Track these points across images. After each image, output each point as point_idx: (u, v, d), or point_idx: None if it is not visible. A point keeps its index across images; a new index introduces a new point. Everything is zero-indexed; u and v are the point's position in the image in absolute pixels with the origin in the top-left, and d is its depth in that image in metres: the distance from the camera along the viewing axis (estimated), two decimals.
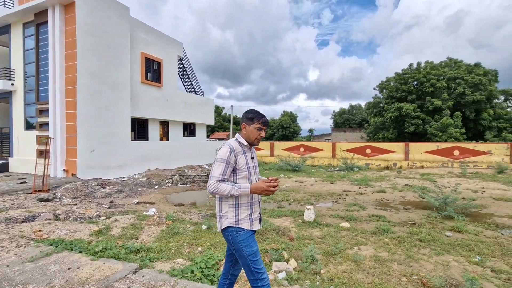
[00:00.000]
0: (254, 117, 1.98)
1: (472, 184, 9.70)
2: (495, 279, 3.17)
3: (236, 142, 1.96)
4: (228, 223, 1.86)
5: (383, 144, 16.73)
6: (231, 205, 1.88)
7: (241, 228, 1.87)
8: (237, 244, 1.85)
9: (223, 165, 1.83)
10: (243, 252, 1.84)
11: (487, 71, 24.09)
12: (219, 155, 1.86)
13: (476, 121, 23.20)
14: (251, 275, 1.85)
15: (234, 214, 1.87)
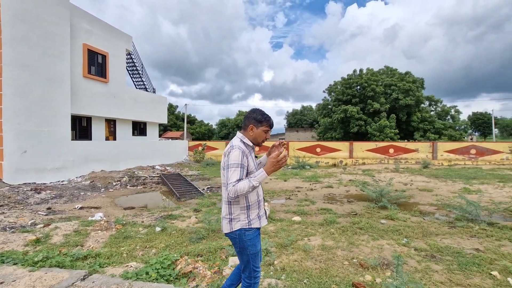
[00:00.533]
0: (263, 120, 1.97)
1: (403, 178, 11.12)
2: (416, 256, 3.76)
3: (242, 143, 1.92)
4: (241, 225, 1.87)
5: (331, 143, 18.07)
6: (243, 207, 1.88)
7: (251, 228, 1.90)
8: (244, 242, 1.87)
9: (239, 170, 1.78)
10: (247, 251, 1.88)
11: (415, 79, 27.67)
12: (233, 160, 1.80)
13: (407, 123, 26.50)
14: (247, 271, 1.92)
15: (246, 216, 1.88)
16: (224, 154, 1.90)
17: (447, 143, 17.32)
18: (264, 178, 1.80)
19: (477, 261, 3.56)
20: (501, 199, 6.86)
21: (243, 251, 1.90)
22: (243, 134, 2.00)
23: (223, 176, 1.91)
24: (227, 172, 1.80)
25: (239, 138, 1.98)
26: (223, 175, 1.91)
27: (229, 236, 1.93)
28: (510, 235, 4.52)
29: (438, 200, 7.27)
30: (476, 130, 70.81)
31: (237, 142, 1.92)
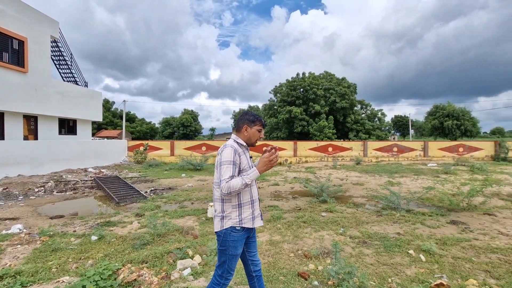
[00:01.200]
0: (256, 120, 2.05)
1: (340, 174, 12.25)
2: (351, 243, 4.21)
3: (236, 143, 1.98)
4: (232, 223, 1.88)
5: (277, 143, 18.83)
6: (234, 205, 1.90)
7: (241, 227, 1.91)
8: (226, 242, 1.88)
9: (231, 167, 1.84)
10: (228, 251, 1.89)
11: (350, 84, 30.72)
12: (225, 157, 1.86)
13: (343, 124, 29.24)
14: (219, 270, 1.94)
15: (237, 214, 1.90)
16: (217, 154, 1.96)
17: (375, 142, 19.66)
18: (256, 176, 1.88)
19: (398, 243, 4.16)
20: (416, 189, 8.11)
21: (223, 251, 1.92)
22: (236, 135, 2.07)
23: (216, 174, 1.94)
24: (220, 170, 1.86)
25: (232, 139, 2.05)
26: (216, 173, 1.95)
27: (217, 234, 1.93)
28: (422, 219, 5.39)
29: (368, 192, 8.22)
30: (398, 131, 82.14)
31: (230, 142, 2.00)
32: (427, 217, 5.51)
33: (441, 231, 4.72)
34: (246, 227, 1.94)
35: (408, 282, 3.02)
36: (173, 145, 18.83)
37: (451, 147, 18.62)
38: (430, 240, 4.20)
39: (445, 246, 4.04)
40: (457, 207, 6.12)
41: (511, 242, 4.20)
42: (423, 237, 4.42)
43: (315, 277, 3.09)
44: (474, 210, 5.99)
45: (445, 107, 28.11)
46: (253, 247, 2.11)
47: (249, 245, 2.09)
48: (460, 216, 5.61)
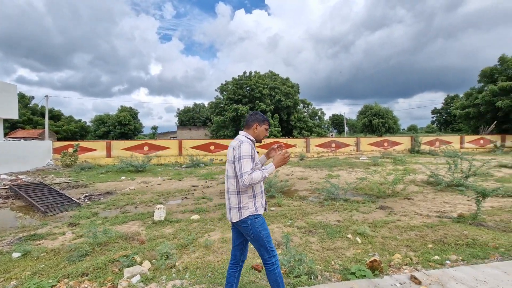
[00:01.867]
0: (265, 120, 2.28)
1: (286, 170, 12.89)
2: (299, 233, 4.50)
3: (248, 139, 2.17)
4: (250, 212, 2.08)
5: (224, 141, 18.77)
6: (250, 196, 2.11)
7: (258, 215, 2.12)
8: (256, 228, 2.08)
9: (250, 160, 2.03)
10: (261, 235, 2.09)
11: (293, 84, 32.38)
12: (244, 152, 2.03)
13: (288, 122, 30.71)
14: (266, 253, 2.13)
15: (253, 204, 2.11)
16: (233, 148, 2.11)
17: (316, 139, 21.19)
18: (273, 170, 2.12)
19: (338, 229, 4.61)
20: (351, 181, 9.05)
21: (257, 237, 2.10)
22: (246, 132, 2.26)
23: (231, 168, 2.12)
24: (240, 163, 2.02)
25: (243, 135, 2.23)
26: (231, 167, 2.11)
27: (239, 224, 2.12)
28: (357, 206, 6.06)
29: (312, 185, 8.85)
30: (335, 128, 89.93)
31: (243, 138, 2.17)
32: (361, 205, 6.22)
33: (372, 216, 5.39)
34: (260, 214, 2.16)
35: (348, 262, 3.38)
36: (110, 146, 17.18)
37: (378, 142, 21.24)
38: (364, 224, 4.76)
39: (376, 228, 4.63)
40: (384, 194, 7.05)
41: (424, 220, 5.04)
42: (358, 222, 4.98)
43: None
44: (397, 196, 6.98)
45: (373, 107, 31.95)
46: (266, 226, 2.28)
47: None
48: (386, 202, 6.47)
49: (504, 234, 4.15)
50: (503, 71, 22.86)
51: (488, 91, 22.24)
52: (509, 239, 3.92)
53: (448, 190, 7.50)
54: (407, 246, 3.90)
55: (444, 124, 62.20)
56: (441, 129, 62.53)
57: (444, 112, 62.17)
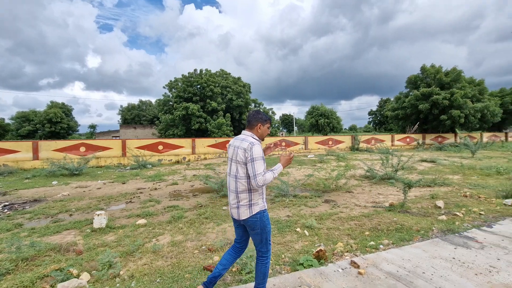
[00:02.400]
0: (267, 119, 2.39)
1: None
2: None
3: (256, 140, 2.28)
4: (259, 208, 2.25)
5: (173, 140, 17.99)
6: (260, 193, 2.26)
7: (266, 209, 2.31)
8: (264, 222, 2.26)
9: (263, 162, 2.16)
10: (267, 228, 2.28)
11: (245, 84, 32.64)
12: (257, 154, 2.14)
13: (239, 121, 30.86)
14: (265, 247, 2.30)
15: (262, 201, 2.28)
16: (244, 150, 2.17)
17: (267, 138, 21.71)
18: (280, 170, 2.27)
19: (288, 224, 4.81)
20: (300, 177, 9.53)
21: (263, 230, 2.27)
22: (251, 132, 2.34)
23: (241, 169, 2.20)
24: (253, 165, 2.12)
25: (249, 135, 2.31)
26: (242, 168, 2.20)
27: (249, 220, 2.23)
28: (305, 201, 6.42)
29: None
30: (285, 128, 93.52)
31: (252, 139, 2.25)
32: (309, 200, 6.60)
33: (319, 209, 5.77)
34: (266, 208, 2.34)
35: (297, 254, 3.56)
36: (38, 146, 15.01)
37: (324, 141, 22.77)
38: (312, 218, 5.06)
39: (322, 221, 4.97)
40: (329, 188, 7.60)
41: (362, 211, 5.58)
42: (306, 216, 5.27)
43: None
44: (340, 190, 7.59)
45: (319, 108, 34.13)
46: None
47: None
48: (331, 196, 6.99)
49: (424, 219, 4.85)
50: (424, 79, 26.62)
51: (412, 96, 25.65)
52: (428, 223, 4.59)
53: (382, 183, 8.44)
54: (348, 235, 4.28)
55: (378, 124, 69.68)
56: (376, 129, 69.95)
57: (378, 114, 69.59)
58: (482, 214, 4.98)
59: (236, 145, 2.27)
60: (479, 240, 3.65)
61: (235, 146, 2.28)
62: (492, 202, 5.80)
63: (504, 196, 6.07)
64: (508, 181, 7.87)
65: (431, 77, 25.82)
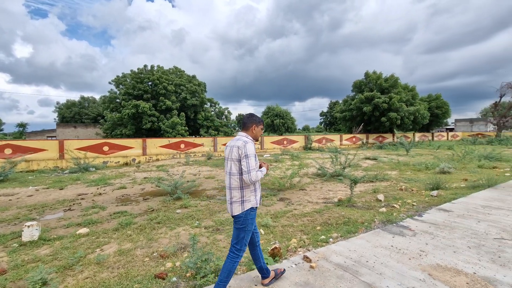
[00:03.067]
0: (261, 121, 2.56)
1: (193, 169, 12.58)
2: (206, 233, 4.47)
3: (250, 139, 2.42)
4: (251, 205, 2.34)
5: (122, 141, 16.68)
6: (252, 190, 2.36)
7: (255, 208, 2.39)
8: (247, 220, 2.34)
9: (256, 158, 2.31)
10: (248, 227, 2.36)
11: (200, 82, 31.85)
12: (251, 151, 2.28)
13: (195, 121, 30.01)
14: (239, 244, 2.37)
15: (254, 197, 2.37)
16: (238, 148, 2.31)
17: (223, 138, 21.56)
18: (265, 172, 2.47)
19: None
20: None
21: (244, 228, 2.36)
22: (245, 133, 2.51)
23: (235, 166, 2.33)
24: (248, 160, 2.25)
25: (244, 135, 2.47)
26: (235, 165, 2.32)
27: (238, 215, 2.33)
28: (261, 201, 6.50)
29: (219, 184, 8.95)
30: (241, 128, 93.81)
31: (246, 138, 2.41)
32: (264, 198, 6.71)
33: (274, 208, 5.90)
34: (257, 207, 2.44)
35: None
36: None
37: (279, 141, 23.44)
38: (267, 216, 5.15)
39: (277, 219, 5.09)
40: (283, 187, 7.83)
41: (314, 207, 5.87)
42: (262, 215, 5.35)
43: (173, 274, 3.06)
44: (294, 187, 7.88)
45: (275, 108, 35.07)
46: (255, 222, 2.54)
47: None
48: (285, 194, 7.22)
49: (368, 212, 5.30)
50: (367, 84, 29.21)
51: (357, 99, 27.95)
52: (371, 215, 5.03)
53: (332, 180, 9.00)
54: (301, 230, 4.46)
55: (329, 125, 74.32)
56: (326, 129, 74.49)
57: (329, 115, 74.19)
58: (414, 205, 5.64)
59: (232, 144, 2.43)
60: (412, 228, 4.12)
61: (231, 146, 2.44)
62: (422, 194, 6.62)
63: (431, 188, 6.98)
64: (434, 175, 9.06)
65: (373, 82, 28.47)
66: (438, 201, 5.85)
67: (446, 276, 2.79)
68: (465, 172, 9.73)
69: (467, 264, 3.01)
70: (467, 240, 3.64)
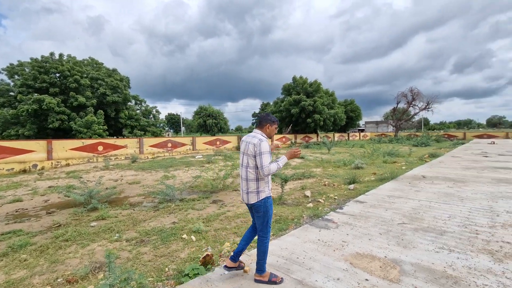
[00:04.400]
0: (275, 121, 2.83)
1: (114, 175, 11.18)
2: (129, 246, 3.94)
3: (264, 137, 2.69)
4: (265, 195, 2.65)
5: (17, 143, 13.63)
6: (266, 182, 2.67)
7: (270, 196, 2.70)
8: (268, 207, 2.65)
9: (269, 155, 2.57)
10: (269, 213, 2.67)
11: (122, 77, 28.72)
12: (264, 148, 2.55)
13: (116, 119, 26.90)
14: (265, 229, 2.69)
15: (268, 188, 2.69)
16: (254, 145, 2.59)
17: (151, 139, 19.95)
18: (285, 161, 2.66)
19: (173, 231, 4.45)
20: (187, 180, 9.17)
21: (265, 214, 2.65)
22: (260, 131, 2.77)
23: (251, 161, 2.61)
24: (261, 158, 2.53)
25: (259, 133, 2.73)
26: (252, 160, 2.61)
27: (256, 204, 2.64)
28: (193, 204, 6.17)
29: (145, 189, 8.16)
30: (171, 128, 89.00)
31: (261, 136, 2.67)
32: (196, 202, 6.39)
33: (206, 211, 5.66)
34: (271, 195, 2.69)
35: (183, 264, 3.30)
36: None
37: (212, 141, 23.03)
38: (199, 221, 4.89)
39: (209, 223, 4.88)
40: (216, 189, 7.63)
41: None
42: (193, 220, 5.05)
43: None
44: (227, 189, 7.75)
45: (207, 108, 34.28)
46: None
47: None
48: (219, 196, 7.03)
49: (297, 208, 5.57)
50: (295, 87, 31.37)
51: (286, 102, 29.75)
52: (299, 211, 5.30)
53: None
54: (235, 233, 4.36)
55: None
56: None
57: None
58: (336, 199, 6.21)
59: (248, 141, 2.68)
60: (335, 221, 4.49)
61: (247, 142, 2.69)
62: (342, 188, 7.37)
63: (349, 183, 7.84)
64: (351, 170, 10.26)
65: (300, 86, 30.79)
66: (354, 193, 6.58)
67: (364, 263, 3.08)
68: (374, 167, 11.33)
69: (380, 249, 3.41)
70: (378, 228, 4.15)
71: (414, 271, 2.89)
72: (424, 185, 7.06)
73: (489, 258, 3.14)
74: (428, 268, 2.94)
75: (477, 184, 7.01)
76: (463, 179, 7.72)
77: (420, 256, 3.20)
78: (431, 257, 3.19)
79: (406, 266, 2.99)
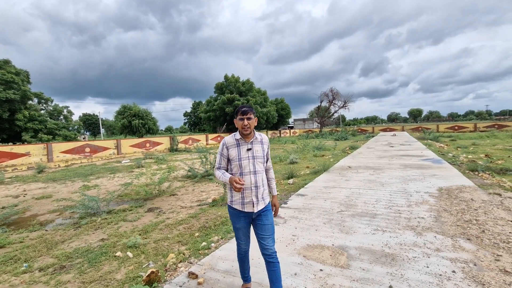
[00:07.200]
0: (237, 111, 2.27)
1: (13, 190, 9.03)
2: (42, 277, 3.15)
3: (231, 137, 2.33)
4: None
5: None
6: (229, 188, 2.34)
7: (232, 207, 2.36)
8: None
9: (219, 156, 2.35)
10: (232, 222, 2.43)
11: (19, 70, 23.60)
12: (219, 148, 2.35)
13: (12, 122, 21.98)
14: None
15: (230, 195, 2.35)
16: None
17: (62, 144, 16.98)
18: (226, 181, 2.21)
19: (104, 250, 3.78)
20: (114, 188, 8.07)
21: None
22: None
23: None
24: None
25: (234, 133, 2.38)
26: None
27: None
28: (124, 216, 5.41)
29: (60, 204, 6.82)
30: (88, 130, 77.98)
31: (227, 136, 2.37)
32: (128, 213, 5.64)
33: (142, 221, 5.04)
34: (236, 208, 2.29)
35: (120, 287, 2.80)
36: None
37: (140, 143, 21.03)
38: (134, 234, 4.30)
39: (147, 234, 4.34)
40: (151, 195, 6.91)
41: (188, 212, 5.47)
42: (127, 233, 4.41)
43: None
44: (163, 194, 7.11)
45: (132, 107, 31.14)
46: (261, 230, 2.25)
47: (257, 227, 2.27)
48: (154, 203, 6.38)
49: None
50: (227, 86, 31.32)
51: (220, 100, 29.47)
52: None
53: (203, 180, 8.84)
54: (179, 242, 3.97)
55: (193, 125, 74.66)
56: (191, 129, 74.53)
57: (193, 115, 74.52)
58: (279, 194, 6.35)
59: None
60: (282, 216, 4.55)
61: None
62: (282, 183, 7.61)
63: (287, 177, 8.16)
64: (287, 165, 10.74)
65: (232, 85, 30.90)
66: (294, 188, 6.87)
67: (315, 253, 3.17)
68: (306, 161, 12.15)
69: (326, 238, 3.57)
70: (321, 218, 4.38)
71: (359, 254, 3.11)
72: (351, 174, 7.88)
73: (413, 233, 3.62)
74: (369, 249, 3.21)
75: (391, 171, 8.20)
76: (380, 167, 8.94)
77: (361, 240, 3.48)
78: (369, 239, 3.49)
79: (351, 251, 3.20)
